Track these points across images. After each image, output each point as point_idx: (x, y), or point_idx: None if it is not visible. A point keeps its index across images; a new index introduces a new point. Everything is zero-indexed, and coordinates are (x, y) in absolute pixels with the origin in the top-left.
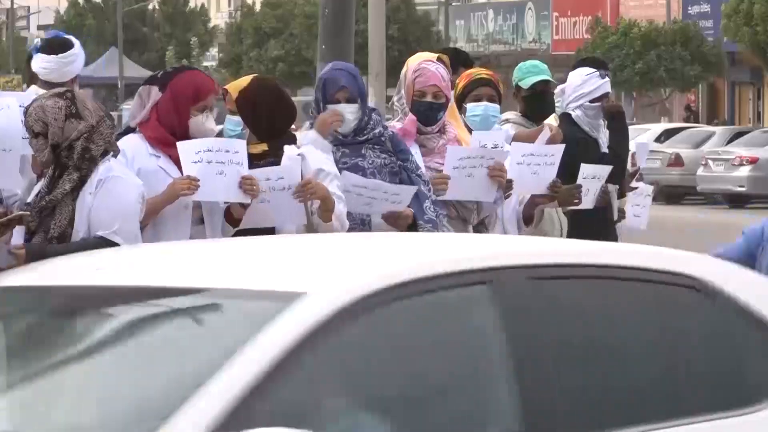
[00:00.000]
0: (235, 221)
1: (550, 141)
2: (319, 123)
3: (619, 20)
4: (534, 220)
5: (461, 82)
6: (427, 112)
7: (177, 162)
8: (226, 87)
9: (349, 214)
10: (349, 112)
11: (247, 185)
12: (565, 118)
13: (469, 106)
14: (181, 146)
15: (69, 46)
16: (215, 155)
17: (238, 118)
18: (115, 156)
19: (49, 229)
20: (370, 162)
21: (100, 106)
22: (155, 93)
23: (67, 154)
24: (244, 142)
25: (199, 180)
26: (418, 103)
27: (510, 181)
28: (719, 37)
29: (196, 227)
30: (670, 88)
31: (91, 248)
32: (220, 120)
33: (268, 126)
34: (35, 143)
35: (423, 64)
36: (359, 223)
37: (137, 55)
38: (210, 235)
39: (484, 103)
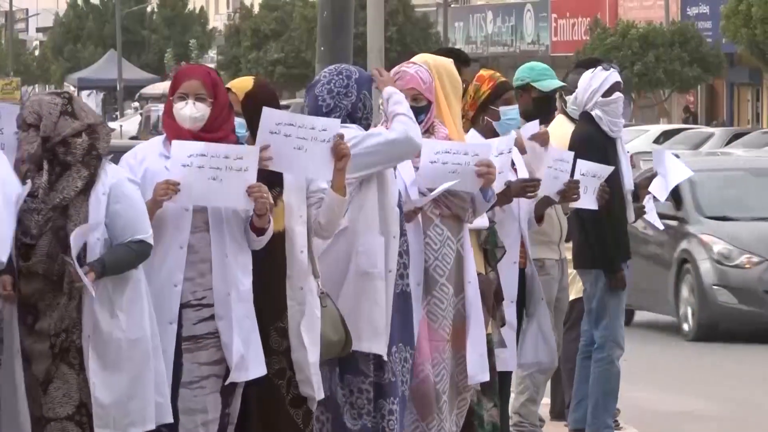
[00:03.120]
0: (258, 230)
1: (537, 138)
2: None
3: (618, 21)
4: (543, 220)
5: (485, 85)
6: None
7: None
8: (229, 86)
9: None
10: None
11: (255, 192)
12: (585, 118)
13: (504, 110)
14: (175, 145)
15: None
16: (209, 160)
17: (242, 120)
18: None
19: (62, 228)
20: None
21: (98, 114)
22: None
23: (64, 150)
24: (256, 149)
25: (179, 184)
26: None
27: (539, 181)
28: (718, 38)
29: (201, 234)
30: (668, 89)
31: (137, 252)
32: None
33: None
34: (26, 135)
35: (403, 67)
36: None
37: (136, 58)
38: (215, 243)
39: (515, 106)
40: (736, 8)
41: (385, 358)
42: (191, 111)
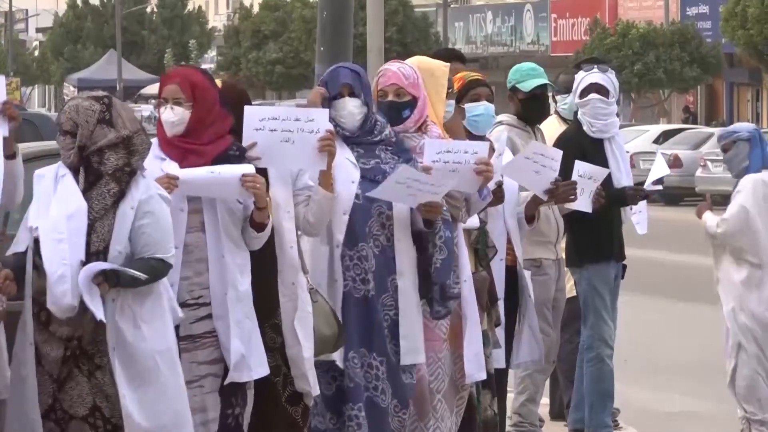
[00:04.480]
0: (258, 225)
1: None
2: (309, 104)
3: (618, 21)
4: (534, 220)
5: (455, 85)
6: (389, 111)
7: (179, 162)
8: None
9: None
10: (353, 106)
11: (248, 182)
12: (575, 119)
13: (469, 107)
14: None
15: None
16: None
17: None
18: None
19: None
20: (385, 162)
21: (137, 119)
22: None
23: (98, 160)
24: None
25: (178, 178)
26: (380, 103)
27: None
28: (718, 38)
29: (197, 234)
30: (668, 89)
31: (154, 269)
32: None
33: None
34: (62, 141)
35: (387, 65)
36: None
37: (135, 58)
38: (211, 243)
39: (484, 102)
40: (733, 10)
41: (340, 364)
42: (169, 116)
